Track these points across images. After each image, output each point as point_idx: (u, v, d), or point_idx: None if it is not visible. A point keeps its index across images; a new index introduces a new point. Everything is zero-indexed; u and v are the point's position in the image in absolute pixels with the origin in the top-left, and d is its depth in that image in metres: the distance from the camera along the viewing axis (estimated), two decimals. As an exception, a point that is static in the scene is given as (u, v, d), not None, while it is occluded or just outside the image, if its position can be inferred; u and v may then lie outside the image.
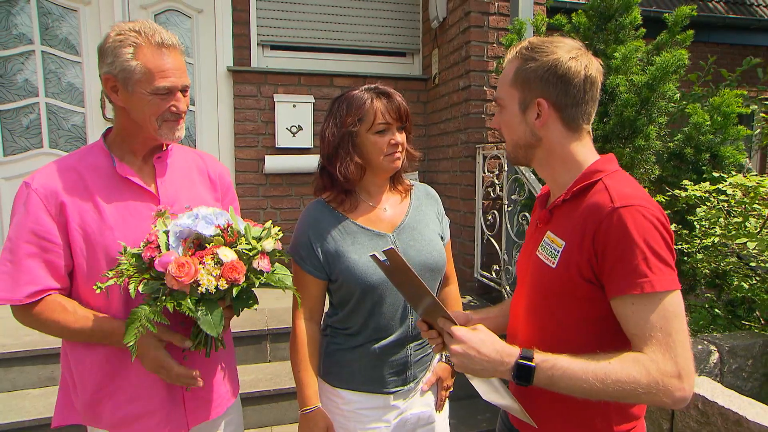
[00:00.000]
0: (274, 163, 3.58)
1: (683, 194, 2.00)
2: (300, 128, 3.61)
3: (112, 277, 0.95)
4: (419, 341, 1.27)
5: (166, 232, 0.98)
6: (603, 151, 2.19)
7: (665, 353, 0.75)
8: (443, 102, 3.59)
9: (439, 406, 1.34)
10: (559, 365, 0.79)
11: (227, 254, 0.95)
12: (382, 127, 1.19)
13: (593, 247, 0.81)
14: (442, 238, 1.31)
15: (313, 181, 1.28)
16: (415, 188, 1.34)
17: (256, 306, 1.05)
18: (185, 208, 1.06)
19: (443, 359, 1.34)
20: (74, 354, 1.11)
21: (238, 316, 1.07)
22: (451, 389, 1.38)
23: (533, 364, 0.80)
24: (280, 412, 2.45)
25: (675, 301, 0.77)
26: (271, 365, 2.65)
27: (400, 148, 1.21)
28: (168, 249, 0.96)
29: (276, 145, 3.59)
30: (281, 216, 3.71)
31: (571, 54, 0.89)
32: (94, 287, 0.97)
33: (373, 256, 0.92)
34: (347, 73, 3.76)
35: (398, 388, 1.25)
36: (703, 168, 2.09)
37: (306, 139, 3.64)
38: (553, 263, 0.87)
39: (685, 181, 2.02)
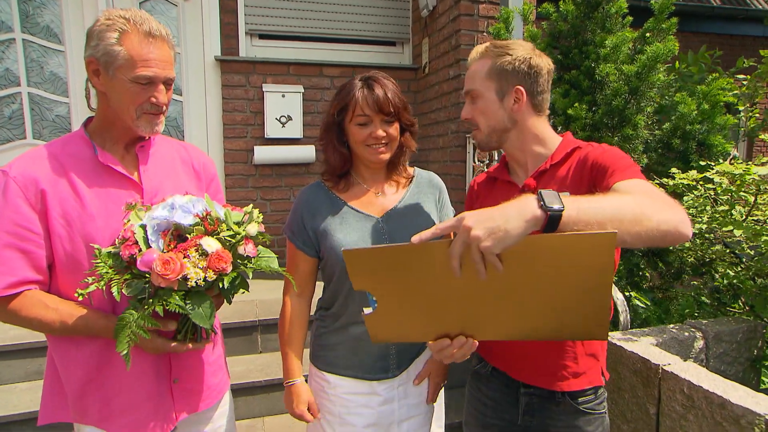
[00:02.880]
0: (263, 153, 3.56)
1: (671, 182, 2.01)
2: (289, 118, 3.59)
3: (92, 282, 0.92)
4: None
5: (143, 226, 0.95)
6: (591, 139, 2.23)
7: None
8: (433, 92, 3.58)
9: (431, 398, 1.33)
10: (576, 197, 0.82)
11: (211, 244, 0.93)
12: (362, 120, 1.20)
13: (592, 172, 1.00)
14: None
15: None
16: (417, 177, 1.35)
17: (244, 291, 1.04)
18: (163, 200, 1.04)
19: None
20: (59, 348, 1.09)
21: (230, 303, 1.06)
22: (444, 382, 1.37)
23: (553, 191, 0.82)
24: (270, 403, 2.46)
25: (647, 183, 0.94)
26: (261, 356, 2.66)
27: (383, 142, 1.20)
28: (147, 245, 0.93)
29: (265, 136, 3.57)
30: (271, 207, 3.69)
31: (534, 52, 1.10)
32: (75, 294, 0.94)
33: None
34: (337, 63, 3.73)
35: (381, 376, 1.25)
36: (691, 156, 2.11)
37: (296, 129, 3.62)
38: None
39: (673, 170, 2.03)
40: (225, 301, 1.06)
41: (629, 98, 2.15)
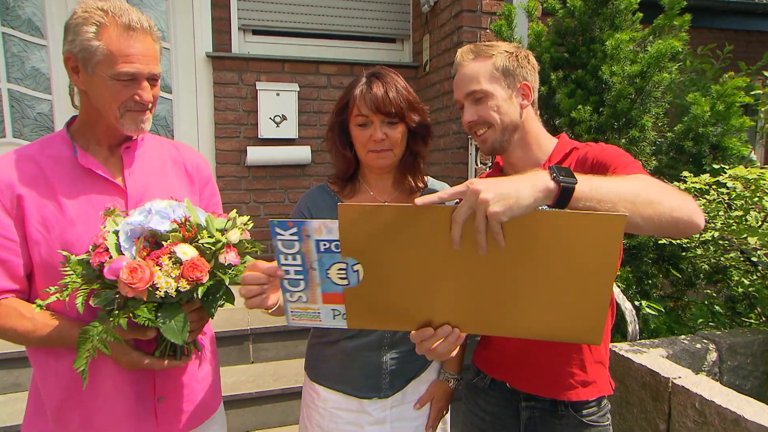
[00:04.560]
0: (257, 154, 3.54)
1: (682, 186, 2.00)
2: (284, 118, 3.58)
3: (54, 293, 0.90)
4: (400, 350, 1.24)
5: (116, 232, 0.93)
6: (597, 141, 2.20)
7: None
8: (434, 90, 3.57)
9: (431, 425, 1.29)
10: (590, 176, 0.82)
11: (186, 251, 0.92)
12: (360, 121, 1.17)
13: (592, 171, 0.99)
14: None
15: None
16: (429, 186, 1.30)
17: (230, 305, 1.02)
18: None
19: (441, 377, 1.30)
20: (38, 360, 1.08)
21: (211, 317, 1.05)
22: (447, 412, 1.34)
23: (566, 166, 0.81)
24: (263, 416, 2.44)
25: (651, 177, 0.94)
26: (253, 366, 2.65)
27: (385, 146, 1.16)
28: (119, 252, 0.92)
29: (259, 136, 3.56)
30: (265, 210, 3.68)
31: (523, 50, 1.14)
32: (34, 305, 0.92)
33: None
34: (334, 60, 3.72)
35: (371, 395, 1.23)
36: (704, 160, 2.10)
37: (290, 129, 3.61)
38: None
39: (685, 173, 2.01)
40: (207, 315, 1.04)
41: (635, 99, 2.13)
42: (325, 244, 0.83)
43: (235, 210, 1.06)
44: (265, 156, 3.58)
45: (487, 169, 3.02)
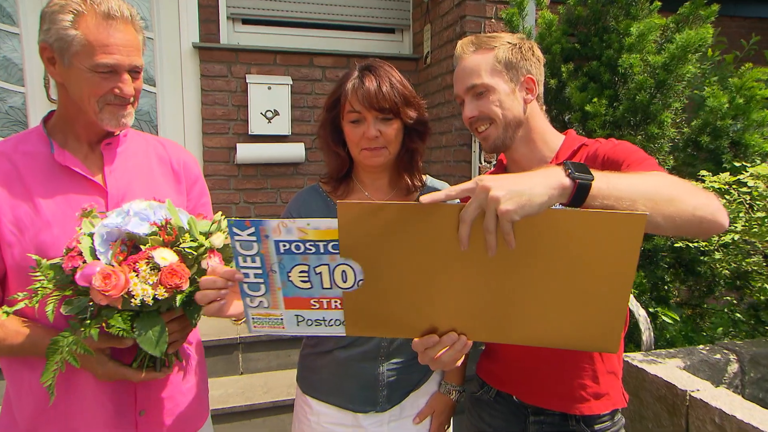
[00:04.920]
0: (247, 152, 3.53)
1: (700, 186, 1.98)
2: (276, 113, 3.57)
3: (22, 299, 0.89)
4: (398, 360, 1.24)
5: (91, 235, 0.92)
6: (611, 138, 2.19)
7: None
8: (436, 84, 3.57)
9: None
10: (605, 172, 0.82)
11: (166, 256, 0.91)
12: (353, 117, 1.17)
13: (603, 168, 0.93)
14: None
15: None
16: (427, 185, 1.31)
17: None
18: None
19: (442, 389, 1.30)
20: (11, 370, 1.07)
21: (193, 326, 1.05)
22: (449, 426, 1.33)
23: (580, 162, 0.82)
24: (253, 431, 2.42)
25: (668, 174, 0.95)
26: (243, 378, 2.65)
27: (380, 143, 1.16)
28: (94, 256, 0.90)
29: (249, 132, 3.55)
30: (255, 211, 3.67)
31: (528, 41, 1.15)
32: (1, 312, 0.91)
33: None
34: (329, 52, 3.72)
35: (367, 408, 1.22)
36: (723, 157, 2.09)
37: (283, 125, 3.60)
38: None
39: (703, 172, 2.00)
40: (190, 324, 1.03)
41: (655, 93, 2.12)
42: (285, 245, 0.83)
43: (220, 212, 1.06)
44: (255, 154, 3.57)
45: (491, 168, 3.06)
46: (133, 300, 0.88)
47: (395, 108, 1.15)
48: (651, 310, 2.12)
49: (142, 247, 0.94)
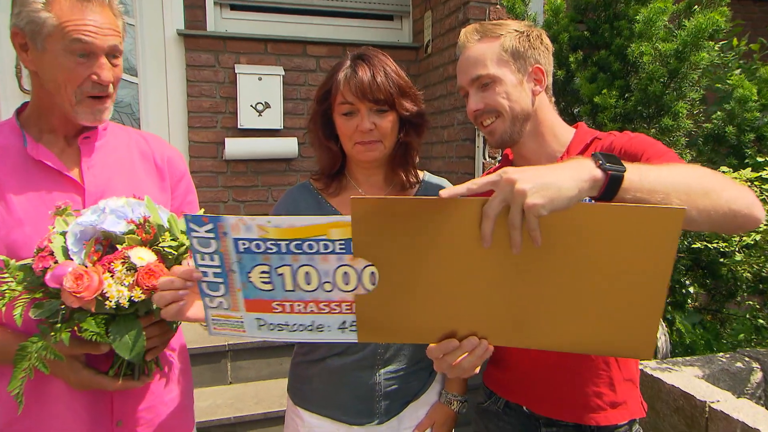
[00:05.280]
0: (236, 147, 3.53)
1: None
2: (267, 106, 3.57)
3: None
4: (396, 367, 1.23)
5: (64, 234, 0.92)
6: (623, 131, 2.18)
7: None
8: (437, 75, 3.57)
9: None
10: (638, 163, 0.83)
11: (143, 256, 0.91)
12: (345, 109, 1.17)
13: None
14: None
15: None
16: (425, 182, 1.32)
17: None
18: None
19: (442, 399, 1.29)
20: None
21: (174, 330, 1.06)
22: None
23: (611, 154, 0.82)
24: (242, 445, 2.42)
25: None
26: (231, 388, 2.64)
27: (374, 137, 1.16)
28: (66, 256, 0.90)
29: (238, 126, 3.54)
30: (245, 210, 3.66)
31: (536, 29, 1.14)
32: None
33: None
34: (323, 40, 3.71)
35: (363, 420, 1.21)
36: (747, 152, 2.08)
37: (274, 118, 3.60)
38: None
39: (723, 168, 2.00)
40: (170, 329, 1.04)
41: (668, 82, 2.12)
42: (244, 244, 0.83)
43: (203, 210, 1.06)
44: (245, 149, 3.57)
45: (496, 164, 3.05)
46: (107, 302, 0.88)
47: (390, 99, 1.15)
48: (668, 316, 2.11)
49: (118, 246, 0.94)
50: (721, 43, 2.09)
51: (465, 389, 1.30)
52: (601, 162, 0.75)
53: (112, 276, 0.89)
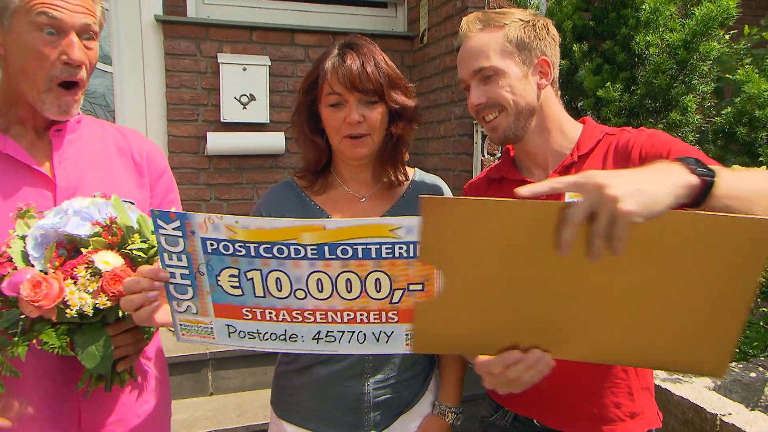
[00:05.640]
0: (219, 142, 3.52)
1: None
2: (252, 98, 3.55)
3: None
4: (386, 376, 1.22)
5: (24, 238, 0.92)
6: (628, 126, 2.17)
7: None
8: (433, 66, 3.57)
9: None
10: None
11: (109, 260, 0.91)
12: (333, 100, 1.17)
13: (643, 164, 0.98)
14: None
15: None
16: (416, 180, 1.34)
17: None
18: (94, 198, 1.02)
19: (436, 411, 1.28)
20: None
21: (149, 339, 1.06)
22: None
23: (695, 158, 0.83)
24: (224, 460, 2.42)
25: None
26: (213, 399, 2.64)
27: (363, 129, 1.17)
28: (26, 262, 0.91)
29: (221, 120, 3.53)
30: (228, 209, 3.66)
31: (542, 18, 1.15)
32: None
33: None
34: (313, 28, 3.70)
35: None
36: (760, 149, 2.07)
37: (260, 111, 3.59)
38: None
39: (735, 166, 1.99)
40: (144, 337, 1.04)
41: (676, 74, 2.11)
42: (212, 244, 0.83)
43: (173, 207, 1.09)
44: (229, 144, 3.56)
45: (496, 161, 3.05)
46: (68, 311, 0.88)
47: (380, 90, 1.16)
48: None
49: (83, 250, 0.94)
50: (732, 32, 2.08)
51: (460, 400, 1.30)
52: (693, 167, 0.75)
53: (75, 282, 0.89)
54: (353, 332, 0.89)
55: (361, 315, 0.87)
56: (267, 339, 0.90)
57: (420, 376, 1.27)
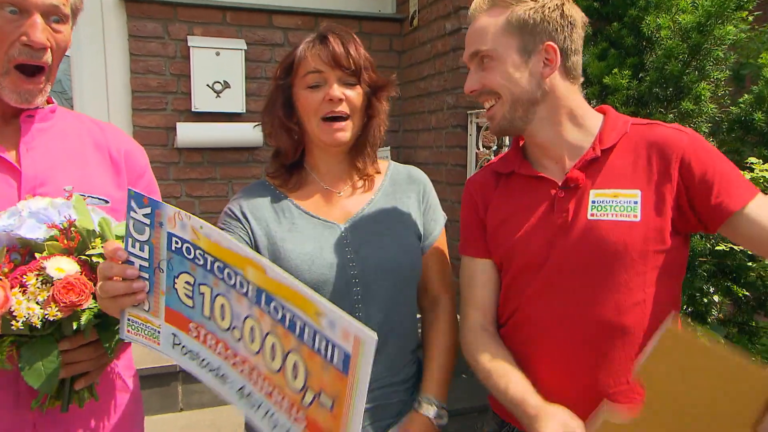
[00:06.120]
0: (190, 133, 3.50)
1: (748, 176, 1.94)
2: (226, 85, 3.54)
3: None
4: (372, 381, 1.19)
5: None
6: (637, 116, 2.15)
7: None
8: (423, 52, 3.57)
9: None
10: None
11: (63, 266, 0.91)
12: (313, 79, 1.21)
13: (682, 180, 1.05)
14: (422, 237, 1.34)
15: None
16: (391, 170, 1.38)
17: None
18: (64, 193, 1.03)
19: (417, 407, 1.26)
20: None
21: (111, 356, 1.05)
22: None
23: None
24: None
25: None
26: (183, 416, 2.66)
27: (344, 109, 1.21)
28: None
29: (193, 109, 3.51)
30: (200, 207, 3.64)
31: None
32: None
33: None
34: (292, 9, 3.69)
35: None
36: (779, 141, 2.07)
37: (235, 100, 3.58)
38: (636, 216, 1.06)
39: (752, 159, 1.99)
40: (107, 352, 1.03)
41: (689, 60, 2.10)
42: (177, 242, 0.85)
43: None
44: (201, 135, 3.55)
45: (492, 155, 3.03)
46: (14, 322, 0.87)
47: (359, 71, 1.22)
48: None
49: (37, 255, 0.94)
50: (756, 13, 2.08)
51: (445, 395, 1.27)
52: None
53: (23, 291, 0.88)
54: (268, 411, 0.84)
55: (277, 395, 0.82)
56: (204, 367, 0.88)
57: (410, 380, 1.29)
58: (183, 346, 0.89)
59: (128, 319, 0.92)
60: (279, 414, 0.82)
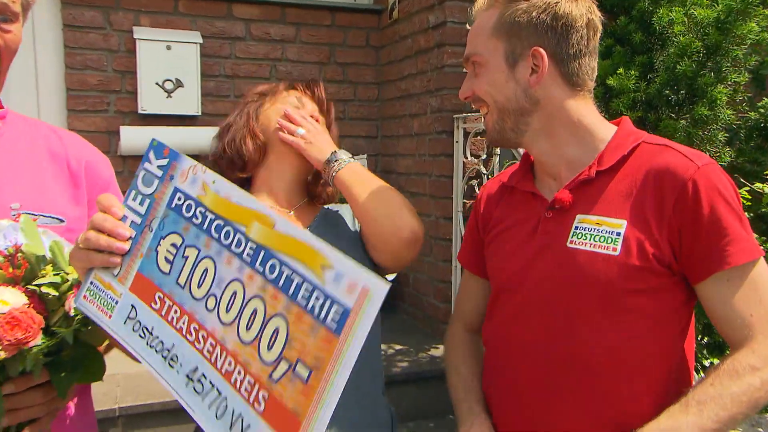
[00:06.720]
0: (136, 138, 3.47)
1: (767, 189, 1.97)
2: (179, 84, 3.54)
3: None
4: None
5: None
6: (644, 122, 2.12)
7: None
8: (404, 47, 3.60)
9: None
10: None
11: (7, 298, 0.91)
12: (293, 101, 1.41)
13: (674, 220, 1.02)
14: None
15: None
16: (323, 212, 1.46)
17: (94, 378, 1.07)
18: (11, 212, 1.06)
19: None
20: None
21: (63, 397, 1.05)
22: None
23: None
24: None
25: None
26: None
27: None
28: None
29: (139, 110, 3.55)
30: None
31: None
32: None
33: None
34: (256, -1, 3.71)
35: None
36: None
37: (189, 101, 3.58)
38: (615, 249, 1.04)
39: (769, 172, 2.00)
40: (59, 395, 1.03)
41: (704, 60, 2.10)
42: (179, 199, 0.92)
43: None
44: (149, 141, 3.43)
45: (482, 166, 3.00)
46: None
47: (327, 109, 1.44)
48: (704, 361, 2.10)
49: None
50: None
51: None
52: None
53: None
54: (218, 396, 0.87)
55: (238, 374, 0.85)
56: (152, 347, 0.92)
57: (384, 426, 1.30)
58: (138, 321, 0.94)
59: (91, 282, 0.96)
60: (232, 398, 0.86)
